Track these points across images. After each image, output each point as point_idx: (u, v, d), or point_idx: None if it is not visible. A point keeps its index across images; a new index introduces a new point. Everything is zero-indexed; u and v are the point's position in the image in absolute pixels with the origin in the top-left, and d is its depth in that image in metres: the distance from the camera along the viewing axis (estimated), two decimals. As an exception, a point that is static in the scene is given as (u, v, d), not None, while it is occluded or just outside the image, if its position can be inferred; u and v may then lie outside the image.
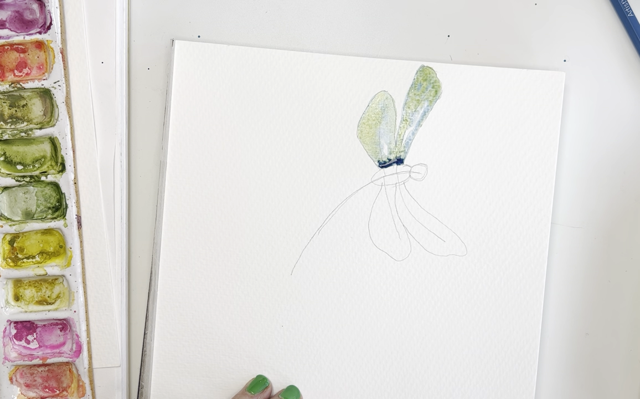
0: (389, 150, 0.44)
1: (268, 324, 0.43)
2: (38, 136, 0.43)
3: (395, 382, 0.44)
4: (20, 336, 0.44)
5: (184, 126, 0.43)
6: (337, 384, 0.44)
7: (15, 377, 0.44)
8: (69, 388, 0.44)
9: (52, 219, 0.43)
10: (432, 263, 0.44)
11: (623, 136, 0.45)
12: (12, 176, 0.43)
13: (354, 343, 0.44)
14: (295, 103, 0.43)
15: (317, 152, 0.43)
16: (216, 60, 0.43)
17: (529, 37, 0.45)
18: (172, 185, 0.43)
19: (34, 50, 0.42)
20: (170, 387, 0.43)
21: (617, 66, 0.45)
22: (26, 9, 0.42)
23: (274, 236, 0.43)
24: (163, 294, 0.43)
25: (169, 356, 0.43)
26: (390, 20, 0.45)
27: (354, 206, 0.44)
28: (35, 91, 0.43)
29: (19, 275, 0.43)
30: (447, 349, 0.44)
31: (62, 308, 0.43)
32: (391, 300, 0.44)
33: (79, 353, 0.43)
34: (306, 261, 0.43)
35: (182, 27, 0.44)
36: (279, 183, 0.43)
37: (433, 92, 0.44)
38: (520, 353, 0.44)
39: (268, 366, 0.44)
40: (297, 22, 0.44)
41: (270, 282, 0.43)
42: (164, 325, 0.43)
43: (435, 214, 0.44)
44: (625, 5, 0.44)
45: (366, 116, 0.44)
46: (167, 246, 0.43)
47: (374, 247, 0.44)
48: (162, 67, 0.44)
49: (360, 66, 0.44)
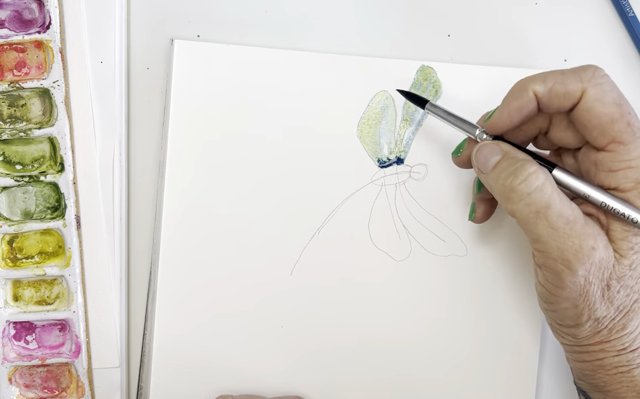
0: (389, 150, 0.44)
1: (268, 324, 0.43)
2: (37, 135, 0.43)
3: (395, 382, 0.44)
4: (20, 337, 0.44)
5: (184, 126, 0.43)
6: (337, 384, 0.44)
7: (14, 378, 0.44)
8: (68, 388, 0.44)
9: (51, 219, 0.43)
10: (432, 263, 0.44)
11: (623, 136, 0.45)
12: (11, 176, 0.43)
13: (354, 343, 0.44)
14: (295, 103, 0.43)
15: (317, 152, 0.43)
16: (216, 60, 0.43)
17: (529, 37, 0.45)
18: (172, 185, 0.43)
19: (33, 50, 0.42)
20: (170, 387, 0.43)
21: (617, 66, 0.45)
22: (25, 8, 0.42)
23: (273, 236, 0.43)
24: (162, 294, 0.43)
25: (169, 357, 0.43)
26: (390, 20, 0.45)
27: (354, 206, 0.44)
28: (35, 91, 0.43)
29: (18, 275, 0.43)
30: (447, 349, 0.44)
31: (61, 308, 0.43)
32: (391, 300, 0.44)
33: (78, 354, 0.43)
34: (306, 261, 0.43)
35: (182, 26, 0.44)
36: (279, 183, 0.43)
37: (433, 92, 0.44)
38: (521, 352, 0.44)
39: (268, 366, 0.43)
40: (297, 22, 0.44)
41: (270, 283, 0.43)
42: (163, 325, 0.43)
43: (435, 214, 0.44)
44: (626, 5, 0.44)
45: (366, 115, 0.44)
46: (166, 246, 0.43)
47: (374, 247, 0.44)
48: (162, 66, 0.44)
49: (360, 66, 0.44)
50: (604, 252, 0.34)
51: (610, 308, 0.35)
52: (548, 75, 0.35)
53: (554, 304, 0.36)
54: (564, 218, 0.33)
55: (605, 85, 0.34)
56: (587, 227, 0.34)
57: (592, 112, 0.34)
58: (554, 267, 0.34)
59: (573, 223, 0.33)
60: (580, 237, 0.33)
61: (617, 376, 0.36)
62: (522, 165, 0.35)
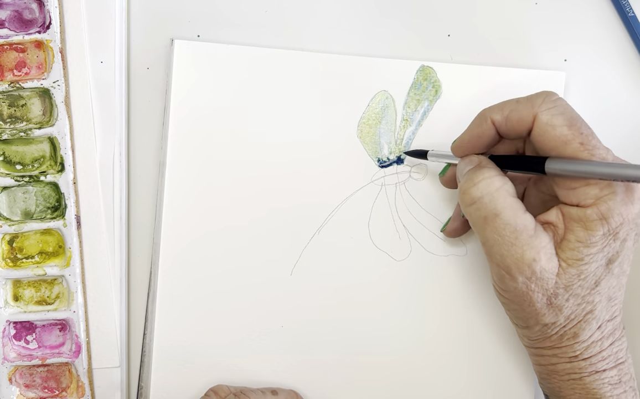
0: (389, 150, 0.44)
1: (268, 324, 0.43)
2: (37, 135, 0.43)
3: (395, 381, 0.44)
4: (20, 337, 0.44)
5: (184, 126, 0.43)
6: (337, 384, 0.44)
7: (14, 377, 0.44)
8: (68, 388, 0.44)
9: (51, 219, 0.43)
10: (432, 263, 0.44)
11: (623, 136, 0.45)
12: (12, 175, 0.43)
13: (354, 343, 0.44)
14: (295, 103, 0.43)
15: (317, 152, 0.43)
16: (216, 60, 0.43)
17: (529, 36, 0.45)
18: (172, 185, 0.43)
19: (33, 50, 0.42)
20: (170, 387, 0.43)
21: (617, 66, 0.45)
22: (25, 8, 0.42)
23: (273, 236, 0.43)
24: (162, 294, 0.43)
25: (169, 356, 0.43)
26: (390, 20, 0.45)
27: (354, 206, 0.44)
28: (35, 91, 0.43)
29: (18, 275, 0.43)
30: (446, 348, 0.44)
31: (61, 308, 0.43)
32: (391, 300, 0.44)
33: (78, 354, 0.43)
34: (306, 261, 0.43)
35: (182, 26, 0.44)
36: (279, 183, 0.43)
37: (433, 92, 0.44)
38: (521, 351, 0.44)
39: (268, 366, 0.43)
40: (297, 22, 0.44)
41: (270, 283, 0.43)
42: (163, 325, 0.43)
43: (435, 214, 0.44)
44: (626, 5, 0.44)
45: (366, 115, 0.44)
46: (166, 246, 0.43)
47: (374, 247, 0.44)
48: (162, 66, 0.44)
49: (360, 66, 0.44)
50: (547, 264, 0.35)
51: (559, 315, 0.36)
52: (505, 104, 0.37)
53: (505, 303, 0.38)
54: (510, 227, 0.35)
55: (555, 110, 0.35)
56: (533, 239, 0.35)
57: (545, 136, 0.35)
58: (497, 271, 0.36)
59: (519, 233, 0.35)
60: (523, 248, 0.35)
61: (569, 383, 0.37)
62: (478, 170, 0.36)
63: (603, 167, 0.33)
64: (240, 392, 0.41)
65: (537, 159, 0.36)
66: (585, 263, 0.35)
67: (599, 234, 0.34)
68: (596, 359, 0.36)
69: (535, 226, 0.35)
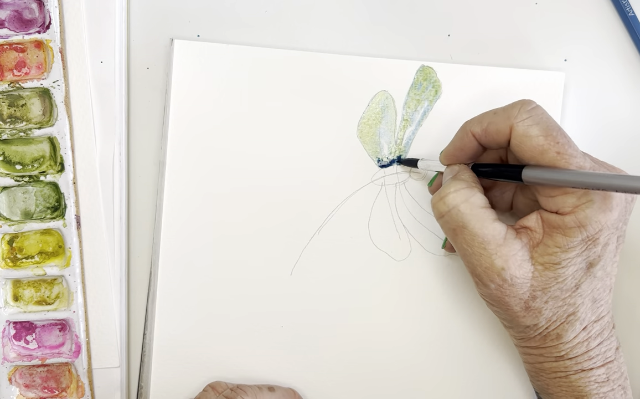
0: (389, 150, 0.44)
1: (268, 324, 0.43)
2: (37, 135, 0.43)
3: (395, 381, 0.44)
4: (20, 337, 0.44)
5: (184, 126, 0.43)
6: (337, 384, 0.44)
7: (14, 377, 0.44)
8: (68, 388, 0.44)
9: (51, 219, 0.43)
10: (432, 263, 0.44)
11: (623, 136, 0.45)
12: (11, 175, 0.43)
13: (353, 342, 0.44)
14: (295, 103, 0.43)
15: (317, 152, 0.43)
16: (216, 60, 0.43)
17: (529, 37, 0.45)
18: (172, 185, 0.43)
19: (33, 50, 0.42)
20: (169, 387, 0.43)
21: (617, 66, 0.45)
22: (25, 8, 0.42)
23: (273, 236, 0.43)
24: (162, 294, 0.43)
25: (169, 356, 0.43)
26: (390, 20, 0.45)
27: (354, 206, 0.44)
28: (35, 91, 0.43)
29: (18, 275, 0.43)
30: (446, 348, 0.44)
31: (61, 308, 0.43)
32: (391, 300, 0.44)
33: (78, 354, 0.43)
34: (306, 261, 0.43)
35: (182, 26, 0.44)
36: (279, 183, 0.43)
37: (433, 92, 0.44)
38: (521, 353, 0.44)
39: (268, 366, 0.43)
40: (297, 22, 0.44)
41: (270, 283, 0.43)
42: (163, 325, 0.43)
43: (435, 214, 0.44)
44: (626, 5, 0.44)
45: (366, 115, 0.44)
46: (166, 246, 0.43)
47: (374, 247, 0.44)
48: (162, 66, 0.44)
49: (360, 66, 0.44)
50: (517, 271, 0.35)
51: (539, 317, 0.36)
52: (484, 116, 0.37)
53: (488, 305, 0.38)
54: (478, 238, 0.36)
55: (530, 120, 0.35)
56: (502, 248, 0.35)
57: (522, 146, 0.35)
58: (472, 278, 0.37)
59: (487, 243, 0.35)
60: (492, 257, 0.35)
61: (556, 380, 0.38)
62: (448, 183, 0.37)
63: (578, 176, 0.33)
64: (237, 387, 0.41)
65: (515, 168, 0.36)
66: (562, 267, 0.35)
67: (577, 240, 0.35)
68: (582, 358, 0.37)
69: (505, 234, 0.36)
